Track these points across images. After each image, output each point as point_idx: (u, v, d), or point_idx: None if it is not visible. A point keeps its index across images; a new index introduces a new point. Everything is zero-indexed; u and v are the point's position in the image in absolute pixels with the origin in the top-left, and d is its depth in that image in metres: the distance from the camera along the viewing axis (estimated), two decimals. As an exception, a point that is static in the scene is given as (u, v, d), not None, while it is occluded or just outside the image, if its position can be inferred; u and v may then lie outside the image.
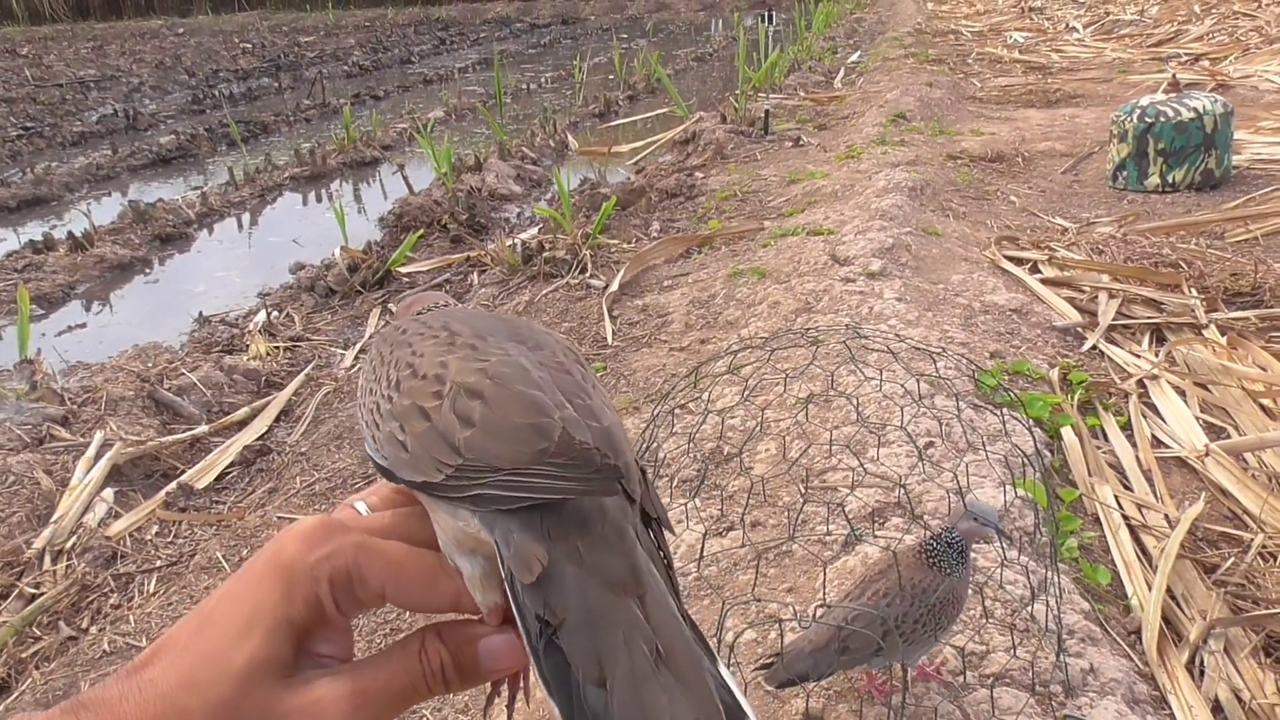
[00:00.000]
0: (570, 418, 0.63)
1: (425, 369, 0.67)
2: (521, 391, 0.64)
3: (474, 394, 0.63)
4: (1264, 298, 4.17)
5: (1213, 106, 5.92)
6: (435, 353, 0.68)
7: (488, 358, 0.67)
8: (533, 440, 0.61)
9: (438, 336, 0.71)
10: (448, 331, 0.71)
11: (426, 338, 0.71)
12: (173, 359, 4.92)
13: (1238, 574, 2.62)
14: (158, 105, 14.96)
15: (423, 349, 0.69)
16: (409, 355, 0.69)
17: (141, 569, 3.29)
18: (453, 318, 0.75)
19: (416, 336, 0.72)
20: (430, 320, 0.75)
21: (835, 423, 3.14)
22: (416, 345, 0.70)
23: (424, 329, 0.73)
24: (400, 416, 0.65)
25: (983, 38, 14.69)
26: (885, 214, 5.48)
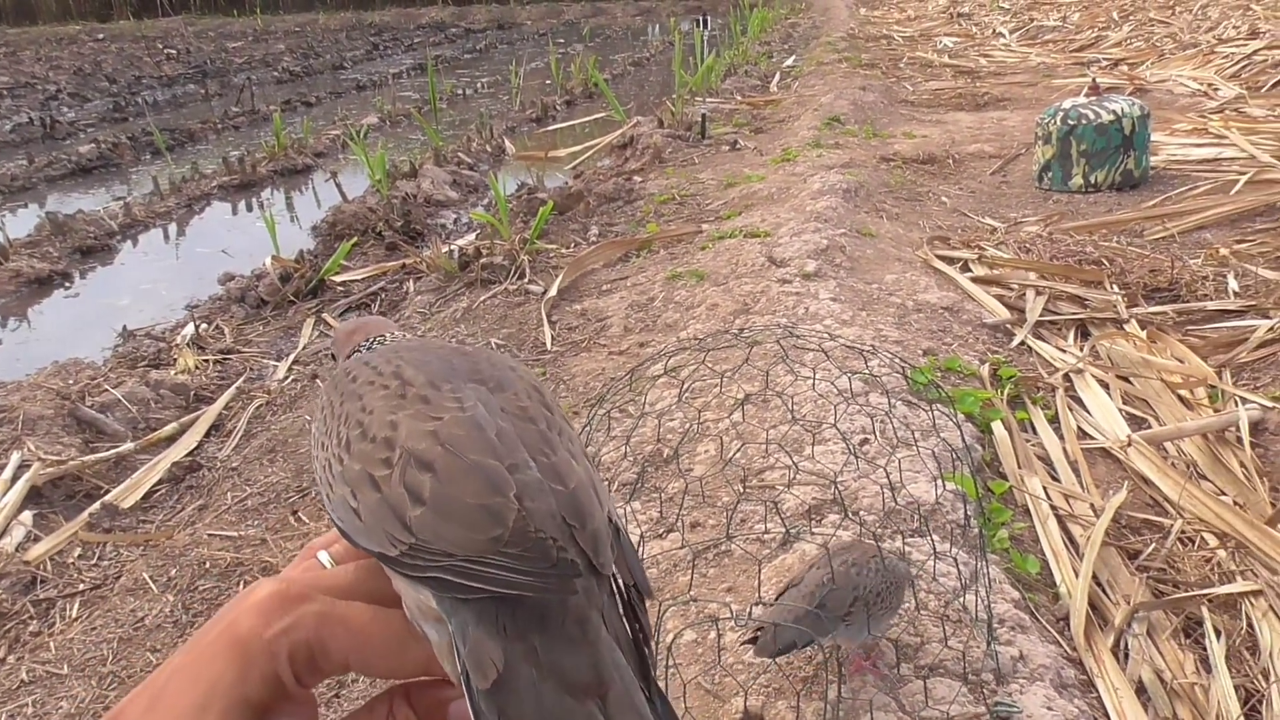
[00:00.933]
0: (530, 487, 0.59)
1: (375, 429, 0.63)
2: (474, 463, 0.59)
3: (424, 465, 0.59)
4: (1180, 293, 4.32)
5: (1131, 109, 6.11)
6: (385, 408, 0.64)
7: (440, 414, 0.63)
8: (485, 525, 0.57)
9: (388, 386, 0.66)
10: (399, 380, 0.67)
11: (377, 388, 0.67)
12: (95, 375, 4.78)
13: (1159, 559, 2.70)
14: (77, 113, 14.55)
15: (372, 403, 0.65)
16: (359, 411, 0.65)
17: (63, 594, 3.19)
18: (406, 360, 0.70)
19: (367, 386, 0.67)
20: (381, 364, 0.70)
21: (772, 422, 3.18)
22: (366, 398, 0.66)
23: (375, 376, 0.68)
24: (351, 483, 0.61)
25: (914, 43, 14.97)
26: (820, 216, 5.55)
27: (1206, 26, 12.59)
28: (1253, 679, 2.28)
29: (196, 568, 3.15)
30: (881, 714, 1.99)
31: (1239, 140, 6.53)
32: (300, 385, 4.70)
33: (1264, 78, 8.93)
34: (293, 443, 4.02)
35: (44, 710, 2.62)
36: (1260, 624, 2.38)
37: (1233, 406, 3.31)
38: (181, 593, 3.04)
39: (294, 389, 4.67)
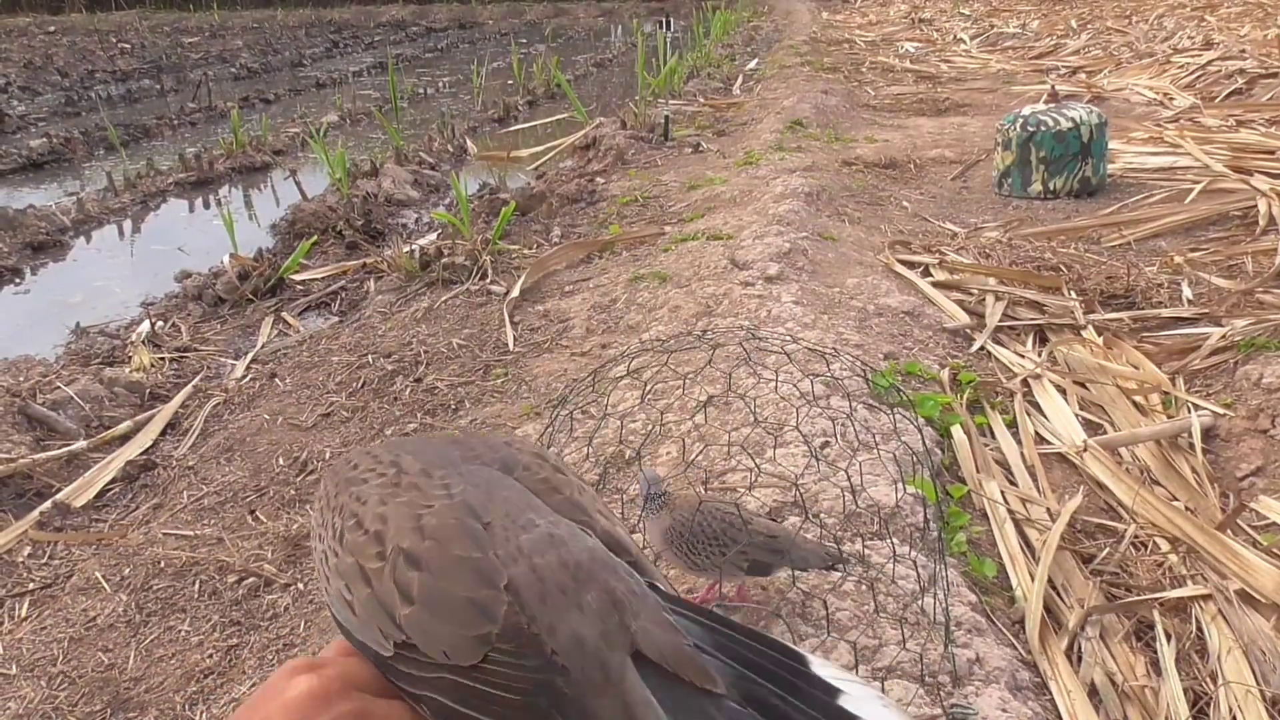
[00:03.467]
0: (535, 560, 0.58)
1: (368, 521, 0.62)
2: (461, 557, 0.58)
3: (412, 561, 0.59)
4: (1136, 300, 4.38)
5: (1089, 117, 6.20)
6: (378, 498, 0.64)
7: (431, 502, 0.62)
8: (474, 621, 0.56)
9: (384, 475, 0.66)
10: (395, 467, 0.67)
11: (374, 476, 0.66)
12: (47, 372, 4.69)
13: (1113, 563, 2.74)
14: (27, 107, 14.27)
15: (367, 493, 0.65)
16: (354, 501, 0.65)
17: (12, 593, 3.12)
18: (404, 447, 0.70)
19: (368, 473, 0.67)
20: (380, 451, 0.70)
21: (734, 424, 3.18)
22: (362, 487, 0.66)
23: (374, 463, 0.68)
24: (345, 576, 0.61)
25: (876, 47, 15.10)
26: (783, 219, 5.58)
27: (1162, 37, 12.83)
28: (1201, 682, 2.31)
29: (151, 567, 3.09)
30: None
31: (1193, 150, 6.65)
32: (259, 384, 4.63)
33: (1218, 88, 9.12)
34: (250, 442, 3.97)
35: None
36: (1209, 628, 2.42)
37: (1186, 413, 3.37)
38: (135, 592, 2.99)
39: (252, 388, 4.61)
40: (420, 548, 0.59)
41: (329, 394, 4.32)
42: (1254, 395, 3.39)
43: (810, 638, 2.22)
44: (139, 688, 2.60)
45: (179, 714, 2.48)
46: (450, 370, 4.41)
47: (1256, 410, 3.29)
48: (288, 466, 3.74)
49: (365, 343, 4.83)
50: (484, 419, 3.91)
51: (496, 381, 4.26)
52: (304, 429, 4.04)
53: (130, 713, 2.52)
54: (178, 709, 2.50)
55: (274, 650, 2.67)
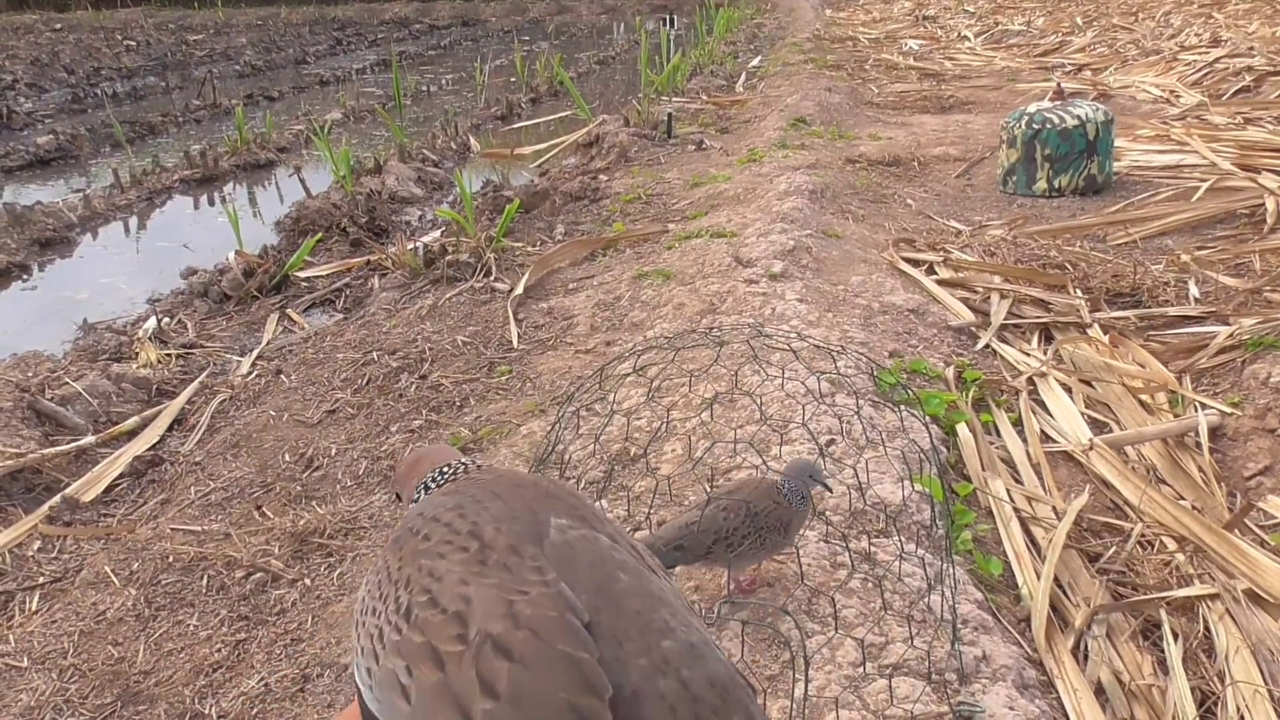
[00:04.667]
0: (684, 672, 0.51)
1: (445, 599, 0.56)
2: (565, 653, 0.52)
3: (503, 650, 0.52)
4: (1142, 298, 4.38)
5: (1094, 114, 6.19)
6: (459, 576, 0.57)
7: (526, 586, 0.55)
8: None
9: (466, 549, 0.59)
10: (477, 540, 0.59)
11: (452, 550, 0.59)
12: (55, 367, 4.70)
13: (1119, 562, 2.74)
14: (34, 104, 14.29)
15: (444, 569, 0.58)
16: (426, 577, 0.58)
17: (22, 587, 3.13)
18: (483, 509, 0.62)
19: (443, 545, 0.60)
20: (451, 517, 0.62)
21: (739, 422, 3.18)
22: (437, 561, 0.58)
23: (449, 534, 0.61)
24: (409, 656, 0.55)
25: (879, 45, 15.08)
26: (787, 217, 5.57)
27: (1169, 34, 12.79)
28: (1208, 681, 2.31)
29: (159, 562, 3.10)
30: (846, 712, 2.00)
31: (1200, 147, 6.64)
32: (264, 381, 4.64)
33: (1225, 85, 9.08)
34: (256, 438, 3.97)
35: (3, 702, 2.58)
36: (1216, 627, 2.42)
37: (1192, 412, 3.37)
38: (144, 586, 3.00)
39: (258, 384, 4.62)
40: (514, 637, 0.53)
41: (334, 390, 4.32)
42: (1262, 394, 3.38)
43: (817, 634, 2.23)
44: (149, 681, 2.61)
45: (189, 707, 2.49)
46: (455, 367, 4.41)
47: (1264, 409, 3.29)
48: (294, 463, 3.75)
49: (370, 340, 4.83)
50: (488, 416, 3.92)
51: (501, 379, 4.26)
52: (310, 425, 4.05)
53: (140, 706, 2.53)
54: (187, 702, 2.51)
55: (281, 645, 2.67)
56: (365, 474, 3.60)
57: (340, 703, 2.42)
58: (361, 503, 3.37)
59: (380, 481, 3.51)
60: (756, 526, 2.05)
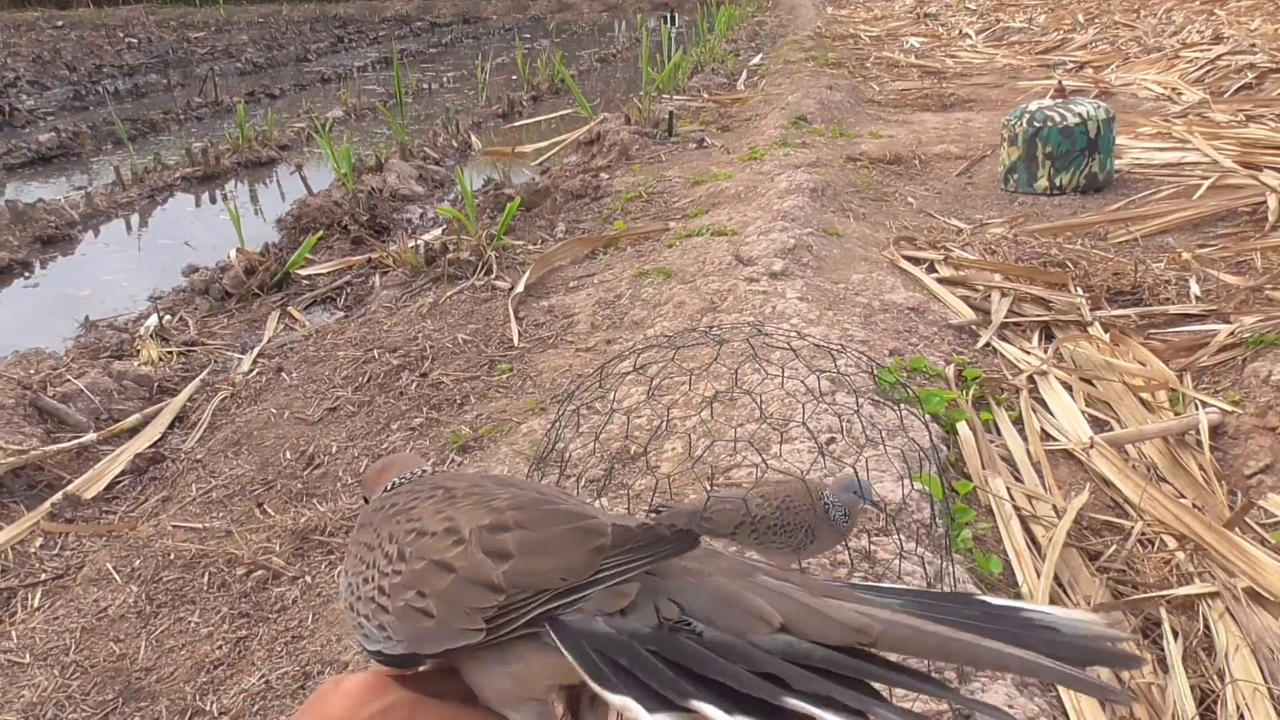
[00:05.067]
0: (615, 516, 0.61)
1: (431, 525, 0.64)
2: (550, 509, 0.61)
3: (499, 528, 0.61)
4: (1143, 296, 4.37)
5: (1096, 112, 6.18)
6: (436, 509, 0.65)
7: (495, 497, 0.64)
8: (586, 540, 0.59)
9: (433, 496, 0.68)
10: (441, 489, 0.68)
11: (421, 500, 0.68)
12: (57, 365, 4.71)
13: (1119, 560, 2.74)
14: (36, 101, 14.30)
15: (421, 511, 0.66)
16: (407, 523, 0.66)
17: (24, 583, 3.14)
18: (440, 481, 0.72)
19: (412, 501, 0.68)
20: (416, 488, 0.72)
21: (739, 420, 3.18)
22: (411, 512, 0.67)
23: (413, 496, 0.70)
24: (414, 582, 0.62)
25: (880, 43, 15.07)
26: (787, 215, 5.57)
27: (1171, 31, 12.77)
28: (1208, 679, 2.32)
29: (161, 559, 3.11)
30: (847, 711, 2.00)
31: (1202, 145, 6.63)
32: (265, 378, 4.65)
33: (1227, 83, 9.07)
34: (257, 436, 3.98)
35: (5, 698, 2.59)
36: (1216, 625, 2.42)
37: (1193, 410, 3.37)
38: (146, 583, 3.01)
39: (259, 382, 4.63)
40: (503, 518, 0.61)
41: (335, 388, 4.33)
42: (1262, 392, 3.38)
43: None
44: (150, 677, 2.62)
45: (190, 704, 2.50)
46: (455, 365, 4.42)
47: (1265, 408, 3.29)
48: (295, 460, 3.76)
49: (371, 338, 4.84)
50: (489, 414, 3.92)
51: (501, 377, 4.26)
52: (310, 423, 4.05)
53: (142, 702, 2.54)
54: (188, 699, 2.52)
55: (283, 642, 2.68)
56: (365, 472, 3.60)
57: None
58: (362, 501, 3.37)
59: (381, 479, 3.51)
60: (784, 523, 2.04)
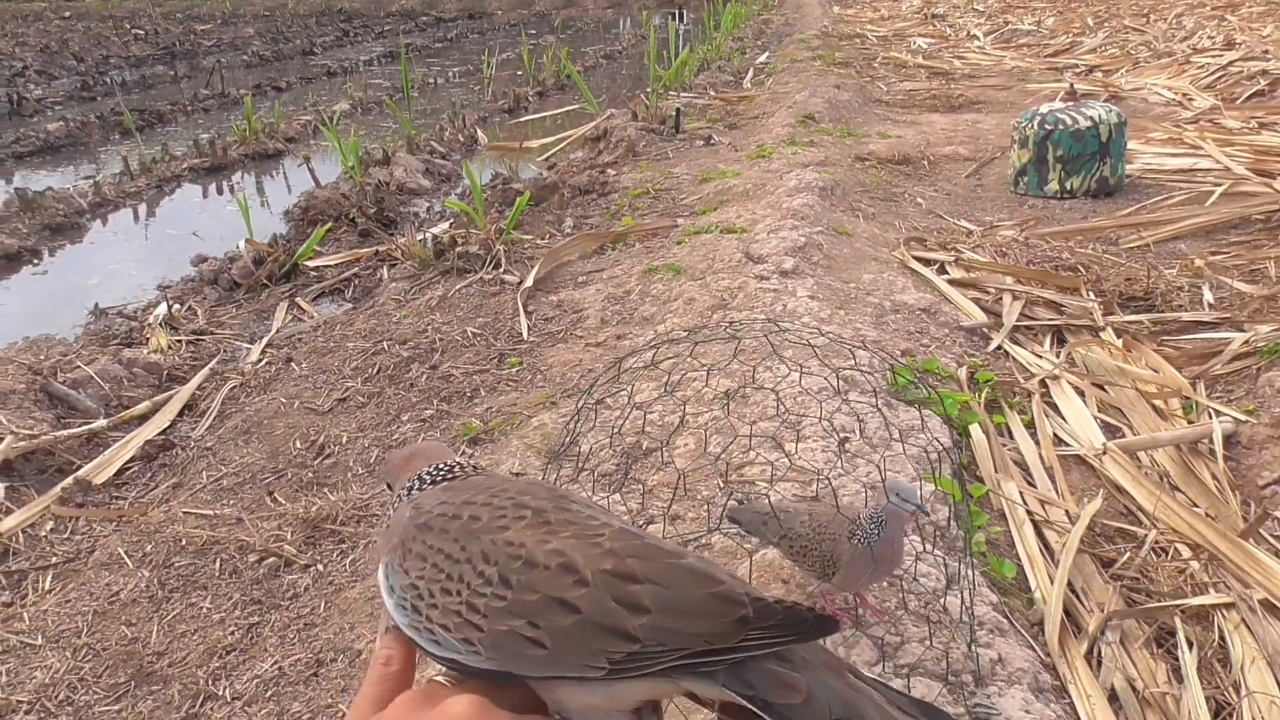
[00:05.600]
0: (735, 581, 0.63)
1: (541, 558, 0.65)
2: (673, 564, 0.64)
3: (626, 577, 0.62)
4: (1156, 303, 4.36)
5: (1108, 116, 6.17)
6: (536, 537, 0.66)
7: (596, 531, 0.66)
8: (730, 610, 0.61)
9: (522, 517, 0.68)
10: (526, 509, 0.69)
11: (511, 520, 0.68)
12: (67, 351, 4.71)
13: (1133, 568, 2.73)
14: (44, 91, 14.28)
15: (518, 537, 0.67)
16: (506, 546, 0.66)
17: (35, 566, 3.14)
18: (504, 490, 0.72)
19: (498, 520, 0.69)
20: (488, 499, 0.72)
21: (753, 417, 3.18)
22: (506, 533, 0.67)
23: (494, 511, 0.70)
24: (525, 612, 0.63)
25: (888, 43, 15.05)
26: (797, 213, 5.57)
27: (1182, 36, 12.75)
28: (1224, 691, 2.30)
29: (172, 544, 3.11)
30: (864, 712, 2.00)
31: (1214, 151, 6.61)
32: (274, 368, 4.64)
33: (1239, 89, 9.04)
34: (267, 425, 3.97)
35: (18, 679, 2.59)
36: (1232, 636, 2.41)
37: (1206, 418, 3.36)
38: (157, 568, 3.01)
39: (268, 371, 4.62)
40: (626, 565, 0.63)
41: (345, 379, 4.32)
42: (1277, 402, 3.37)
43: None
44: (162, 661, 2.61)
45: (202, 688, 2.50)
46: (465, 358, 4.41)
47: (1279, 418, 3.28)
48: (305, 450, 3.75)
49: (380, 329, 4.83)
50: (499, 407, 3.92)
51: (511, 370, 4.26)
52: (320, 413, 4.05)
53: (154, 685, 2.53)
54: (201, 683, 2.52)
55: (295, 629, 2.68)
56: (377, 462, 3.59)
57: (355, 687, 2.42)
58: (373, 490, 3.37)
59: (393, 471, 3.50)
60: (812, 549, 2.07)
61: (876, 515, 1.99)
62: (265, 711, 2.38)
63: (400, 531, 0.74)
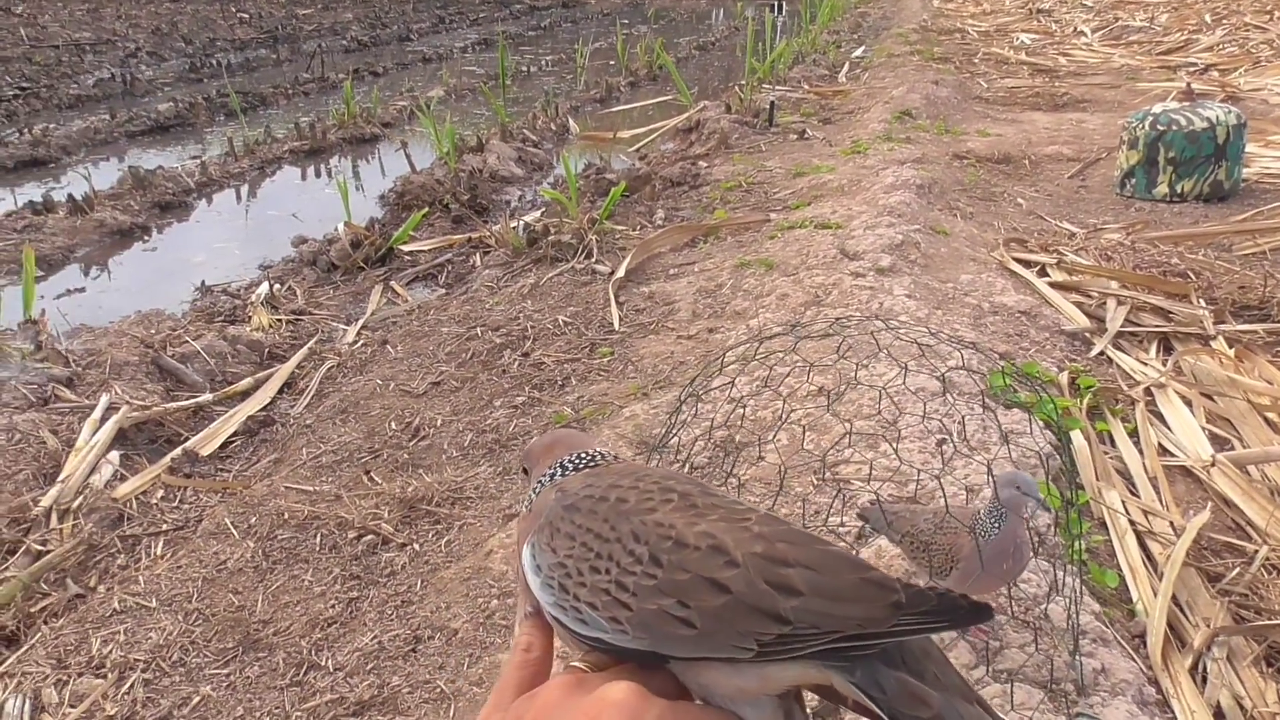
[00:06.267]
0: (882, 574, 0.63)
1: (691, 539, 0.65)
2: (824, 550, 0.64)
3: (778, 560, 0.63)
4: (1272, 312, 4.19)
5: (1226, 117, 5.93)
6: (685, 520, 0.67)
7: (743, 515, 0.67)
8: (883, 595, 0.61)
9: (670, 501, 0.70)
10: (672, 492, 0.70)
11: (659, 502, 0.69)
12: (175, 326, 4.89)
13: (1242, 584, 2.64)
14: (155, 72, 14.81)
15: (667, 519, 0.68)
16: (656, 528, 0.67)
17: (148, 531, 3.28)
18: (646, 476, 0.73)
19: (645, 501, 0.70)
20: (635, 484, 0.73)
21: (848, 415, 3.15)
22: (654, 514, 0.68)
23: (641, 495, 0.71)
24: (675, 591, 0.64)
25: (989, 38, 14.70)
26: (894, 210, 5.49)
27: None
28: (1340, 712, 2.22)
29: (275, 518, 3.22)
30: (962, 717, 1.97)
31: (1337, 157, 6.31)
32: (370, 350, 4.76)
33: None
34: (364, 405, 4.08)
35: (134, 638, 2.71)
36: (1349, 656, 2.32)
37: (1324, 431, 3.23)
38: (261, 540, 3.11)
39: (364, 353, 4.74)
40: (776, 550, 0.63)
41: (439, 363, 4.41)
42: (1401, 418, 3.22)
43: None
44: (268, 630, 2.71)
45: (306, 658, 2.58)
46: (556, 346, 4.46)
47: (1403, 433, 3.13)
48: (400, 431, 3.84)
49: (473, 315, 4.91)
50: (590, 396, 3.95)
51: (602, 360, 4.29)
52: (415, 395, 4.14)
53: (260, 652, 2.63)
54: (305, 653, 2.60)
55: (393, 605, 2.75)
56: (470, 446, 3.66)
57: (451, 665, 2.47)
58: (467, 474, 3.44)
59: (486, 454, 3.57)
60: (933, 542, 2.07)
61: (995, 509, 1.95)
62: (366, 684, 2.45)
63: (547, 513, 0.75)
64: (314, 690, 2.45)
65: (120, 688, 2.51)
